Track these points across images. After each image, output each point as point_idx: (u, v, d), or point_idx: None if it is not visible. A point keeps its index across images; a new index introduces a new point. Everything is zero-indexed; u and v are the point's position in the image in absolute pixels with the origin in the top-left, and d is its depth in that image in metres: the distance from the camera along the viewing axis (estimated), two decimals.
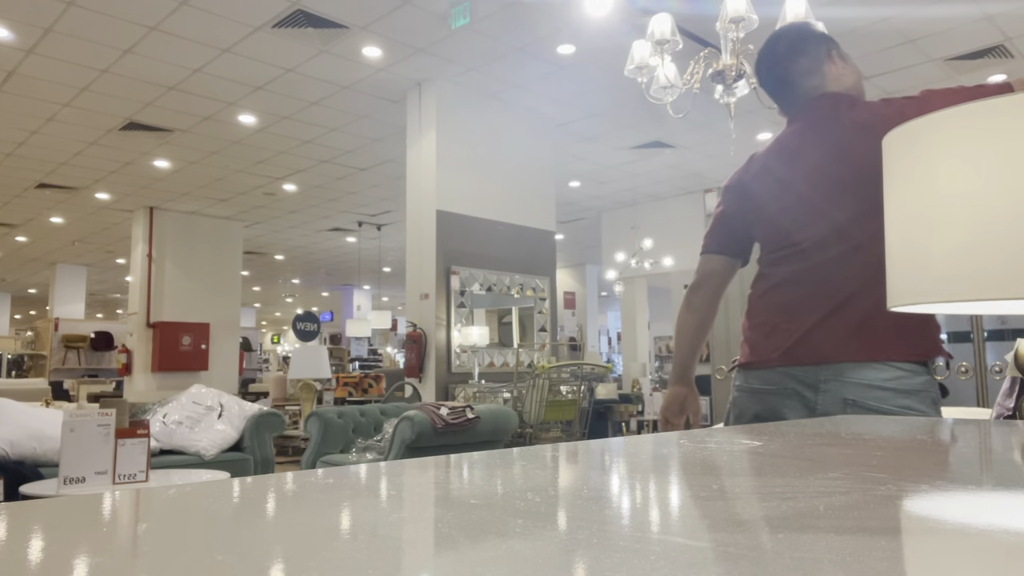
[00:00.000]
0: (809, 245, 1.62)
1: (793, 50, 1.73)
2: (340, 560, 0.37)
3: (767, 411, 1.62)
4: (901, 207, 0.91)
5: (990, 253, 0.79)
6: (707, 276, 1.83)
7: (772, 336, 1.64)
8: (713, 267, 1.84)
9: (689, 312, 1.85)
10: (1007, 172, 0.79)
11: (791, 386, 1.59)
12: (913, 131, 0.90)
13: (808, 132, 1.67)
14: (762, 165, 1.73)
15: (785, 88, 1.74)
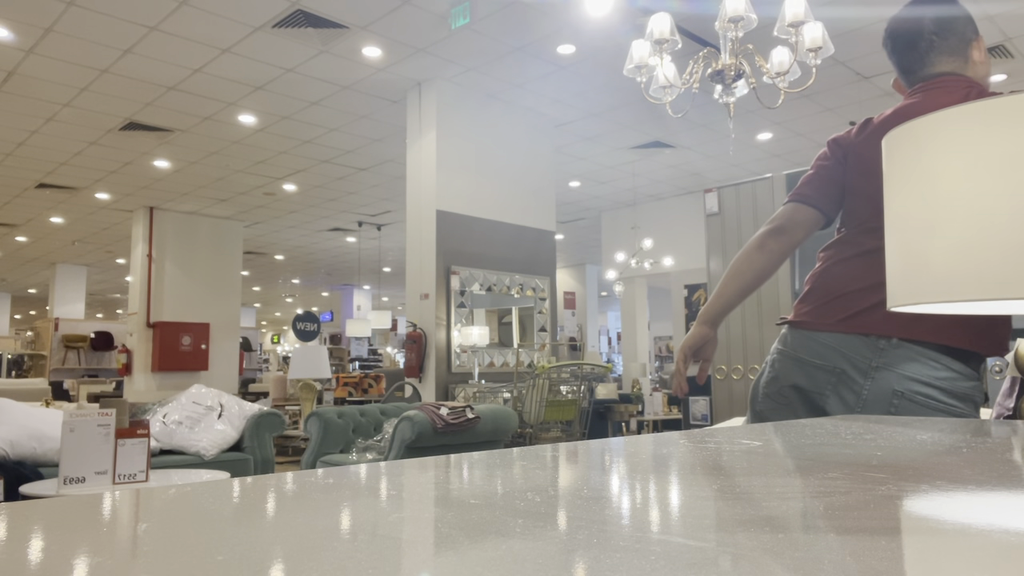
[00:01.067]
0: None
1: (944, 27, 1.63)
2: (340, 560, 0.37)
3: (810, 386, 1.56)
4: (901, 207, 0.91)
5: (990, 253, 0.79)
6: (795, 225, 1.69)
7: (837, 301, 1.57)
8: (804, 218, 1.70)
9: (761, 253, 1.69)
10: (1007, 172, 0.79)
11: (841, 365, 1.52)
12: (913, 131, 0.90)
13: (933, 107, 1.55)
14: (880, 133, 1.59)
15: (921, 62, 1.64)
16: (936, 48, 1.63)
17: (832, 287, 1.61)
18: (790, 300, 4.26)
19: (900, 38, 1.67)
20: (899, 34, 1.67)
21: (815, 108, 7.07)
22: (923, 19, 1.64)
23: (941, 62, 1.62)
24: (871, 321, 1.51)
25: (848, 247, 1.64)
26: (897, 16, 1.69)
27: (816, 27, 3.46)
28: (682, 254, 10.22)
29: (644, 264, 10.10)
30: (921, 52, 1.63)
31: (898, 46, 1.68)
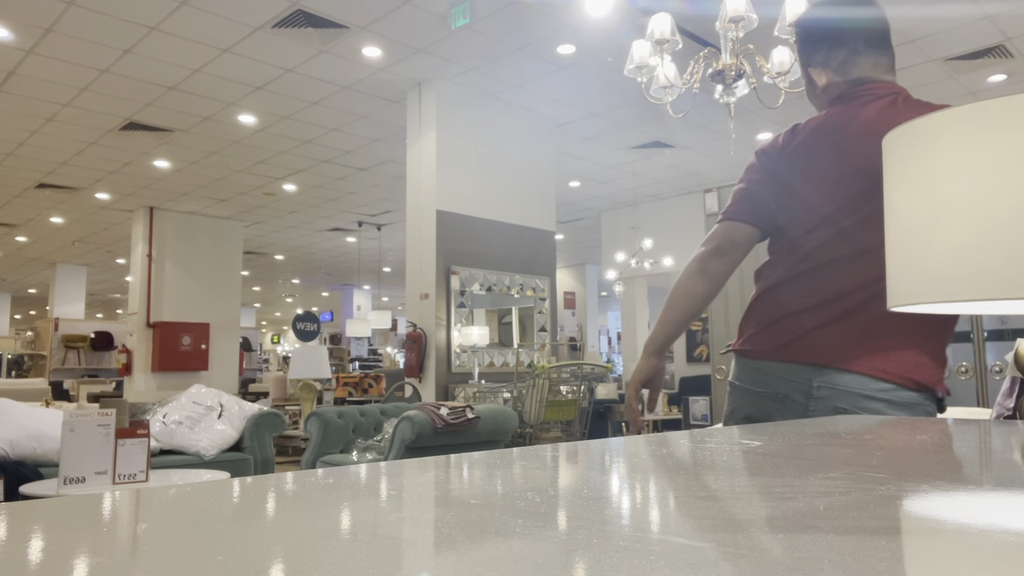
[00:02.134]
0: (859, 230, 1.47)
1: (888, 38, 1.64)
2: (340, 560, 0.37)
3: (760, 415, 1.54)
4: (901, 207, 0.91)
5: (990, 253, 0.79)
6: (734, 245, 1.63)
7: (778, 325, 1.54)
8: (742, 237, 1.64)
9: (703, 278, 1.65)
10: (1007, 172, 0.79)
11: (783, 390, 1.50)
12: (913, 131, 0.90)
13: (883, 115, 1.52)
14: (823, 135, 1.56)
15: (884, 46, 1.62)
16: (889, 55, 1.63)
17: (772, 311, 1.57)
18: None
19: (882, 23, 1.63)
20: (880, 18, 1.63)
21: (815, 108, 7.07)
22: (882, 21, 1.62)
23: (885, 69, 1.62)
24: (811, 346, 1.48)
25: (789, 262, 1.59)
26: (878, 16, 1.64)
27: None
28: (682, 254, 10.22)
29: (644, 264, 10.10)
30: (885, 46, 1.61)
31: (881, 40, 1.63)
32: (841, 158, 1.53)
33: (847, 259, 1.48)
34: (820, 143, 1.60)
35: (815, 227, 1.53)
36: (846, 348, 1.45)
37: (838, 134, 1.56)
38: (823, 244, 1.51)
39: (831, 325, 1.47)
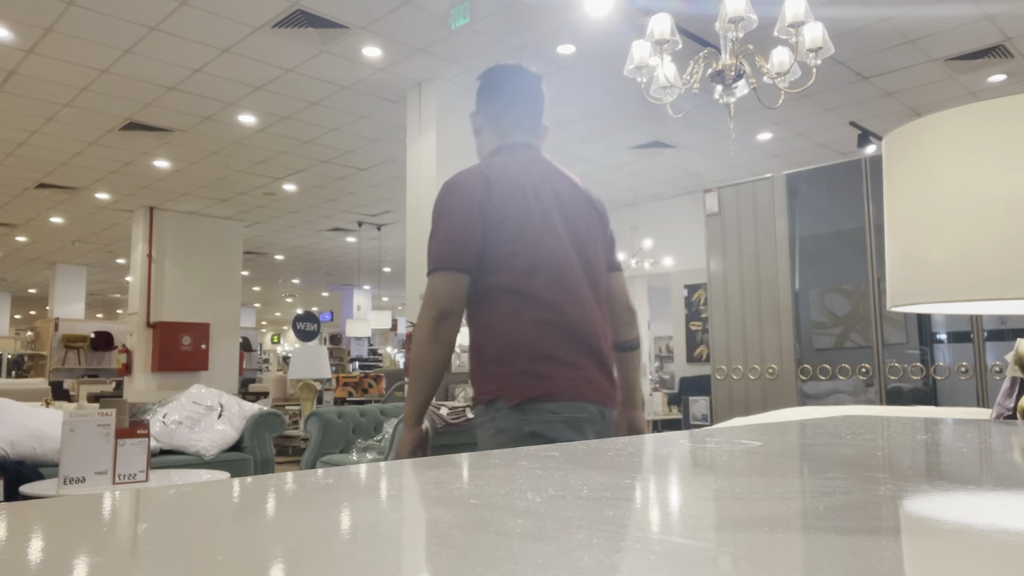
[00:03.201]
0: (576, 282, 1.70)
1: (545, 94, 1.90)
2: (340, 560, 0.37)
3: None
4: (901, 207, 0.91)
5: (990, 253, 0.79)
6: (457, 302, 1.64)
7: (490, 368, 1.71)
8: (462, 289, 1.64)
9: (438, 345, 1.64)
10: (1007, 172, 0.79)
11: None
12: (913, 131, 0.90)
13: (567, 176, 1.82)
14: (531, 184, 1.72)
15: (539, 116, 1.88)
16: (544, 117, 1.91)
17: (490, 356, 1.69)
18: (790, 299, 4.26)
19: (541, 97, 1.89)
20: (541, 93, 1.88)
21: (815, 108, 7.07)
22: (540, 85, 1.90)
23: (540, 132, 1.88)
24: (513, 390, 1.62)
25: (501, 306, 1.67)
26: (537, 74, 1.90)
27: (816, 27, 3.46)
28: (682, 254, 10.23)
29: (644, 264, 10.10)
30: (542, 116, 1.89)
31: (539, 101, 1.88)
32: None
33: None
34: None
35: (525, 266, 1.73)
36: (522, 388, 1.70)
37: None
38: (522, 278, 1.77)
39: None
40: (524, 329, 1.65)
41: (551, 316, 1.66)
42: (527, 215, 1.68)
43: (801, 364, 4.20)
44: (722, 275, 4.55)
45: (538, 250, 1.67)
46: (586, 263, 1.76)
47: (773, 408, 4.20)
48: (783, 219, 4.32)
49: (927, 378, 3.86)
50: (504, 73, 1.88)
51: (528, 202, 1.69)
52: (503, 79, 1.87)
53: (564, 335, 1.66)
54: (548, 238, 1.69)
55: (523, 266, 1.66)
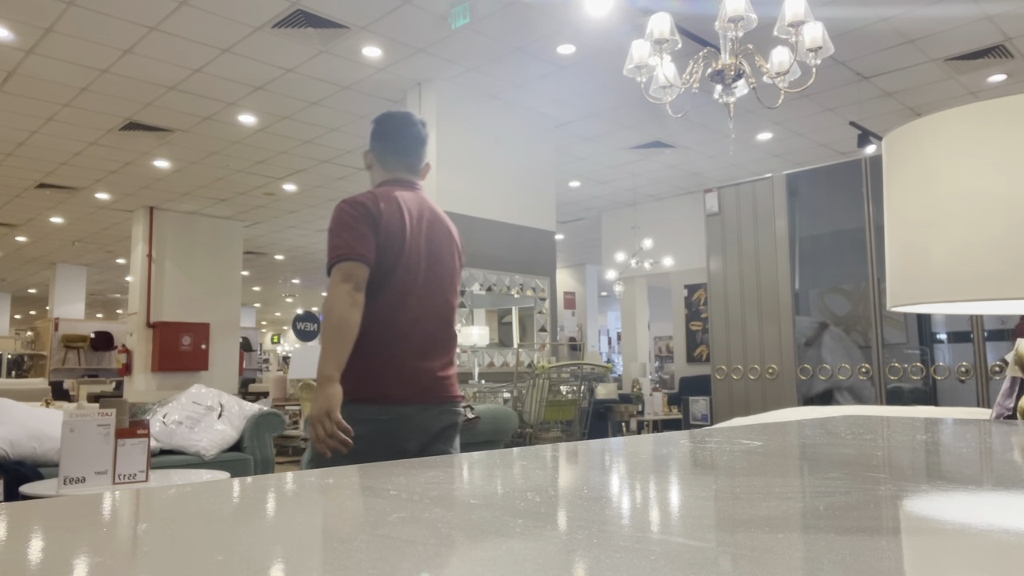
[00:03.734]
0: (431, 294, 2.05)
1: (427, 139, 2.25)
2: (340, 560, 0.37)
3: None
4: (901, 207, 0.91)
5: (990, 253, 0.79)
6: (363, 280, 1.93)
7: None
8: (365, 273, 1.93)
9: (355, 310, 1.90)
10: (1007, 172, 0.79)
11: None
12: (913, 131, 0.90)
13: (437, 212, 2.17)
14: (410, 211, 2.06)
15: (419, 158, 2.23)
16: (424, 159, 2.24)
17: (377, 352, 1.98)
18: (790, 298, 4.26)
19: (422, 141, 2.22)
20: (422, 138, 2.22)
21: (815, 108, 7.08)
22: (426, 129, 2.24)
23: (421, 165, 2.23)
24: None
25: (383, 314, 1.96)
26: (420, 121, 2.24)
27: (816, 27, 3.46)
28: (682, 254, 10.22)
29: (644, 264, 10.10)
30: (422, 158, 2.23)
31: (419, 145, 2.21)
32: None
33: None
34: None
35: (403, 283, 2.03)
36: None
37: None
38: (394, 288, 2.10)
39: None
40: (386, 338, 1.95)
41: (409, 331, 1.98)
42: (403, 241, 1.98)
43: (801, 364, 4.20)
44: (722, 275, 4.55)
45: (410, 273, 1.99)
46: (440, 285, 2.09)
47: (773, 408, 4.20)
48: (783, 219, 4.32)
49: (927, 378, 3.86)
50: (393, 119, 2.23)
51: (406, 230, 2.00)
52: (391, 124, 2.23)
53: (415, 350, 1.98)
54: (417, 264, 2.02)
55: (396, 284, 1.97)
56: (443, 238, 2.12)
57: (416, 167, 2.23)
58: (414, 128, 2.22)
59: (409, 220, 2.02)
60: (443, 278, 2.09)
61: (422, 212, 2.09)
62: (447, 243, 2.13)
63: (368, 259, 1.92)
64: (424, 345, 1.99)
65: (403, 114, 2.25)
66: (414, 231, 2.02)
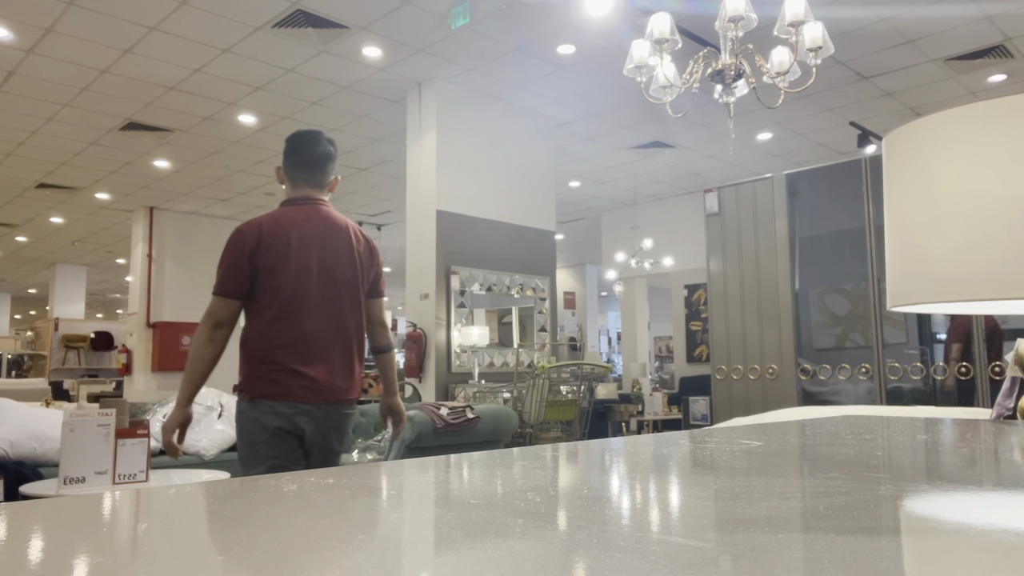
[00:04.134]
0: (323, 304, 2.28)
1: (335, 155, 2.42)
2: (340, 560, 0.37)
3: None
4: (901, 207, 0.91)
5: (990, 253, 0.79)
6: (230, 317, 2.25)
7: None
8: (233, 309, 2.25)
9: (211, 345, 2.26)
10: (1007, 172, 0.79)
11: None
12: (913, 131, 0.90)
13: (335, 222, 2.35)
14: (298, 230, 2.27)
15: (324, 174, 2.38)
16: (330, 169, 2.41)
17: (265, 357, 2.25)
18: (790, 300, 4.26)
19: (328, 157, 2.39)
20: (328, 154, 2.39)
21: (815, 108, 7.08)
22: (329, 145, 2.41)
23: (326, 180, 2.40)
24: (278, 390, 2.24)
25: (261, 323, 2.24)
26: (328, 139, 2.40)
27: (816, 27, 3.46)
28: (682, 254, 10.22)
29: (644, 264, 10.10)
30: (327, 168, 2.39)
31: (325, 162, 2.38)
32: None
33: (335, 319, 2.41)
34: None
35: (288, 295, 2.31)
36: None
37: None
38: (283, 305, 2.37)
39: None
40: (270, 342, 2.22)
41: (296, 335, 2.23)
42: (288, 262, 2.23)
43: (801, 364, 4.20)
44: (722, 275, 4.55)
45: (299, 289, 2.24)
46: (337, 294, 2.31)
47: (773, 408, 4.20)
48: (783, 219, 4.32)
49: (927, 378, 3.86)
50: (300, 137, 2.39)
51: (290, 249, 2.24)
52: (298, 142, 2.38)
53: (303, 351, 2.23)
54: (307, 281, 2.25)
55: (283, 297, 2.22)
56: (339, 250, 2.32)
57: (321, 182, 2.40)
58: (320, 146, 2.39)
59: (298, 240, 2.26)
60: (340, 290, 2.31)
61: (314, 229, 2.30)
62: (344, 254, 2.33)
63: (237, 293, 2.23)
64: (309, 356, 2.24)
65: (311, 132, 2.42)
66: (302, 250, 2.26)
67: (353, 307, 2.35)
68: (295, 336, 2.23)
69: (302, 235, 2.27)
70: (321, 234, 2.30)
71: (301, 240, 2.26)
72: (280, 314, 2.23)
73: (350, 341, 2.36)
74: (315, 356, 2.25)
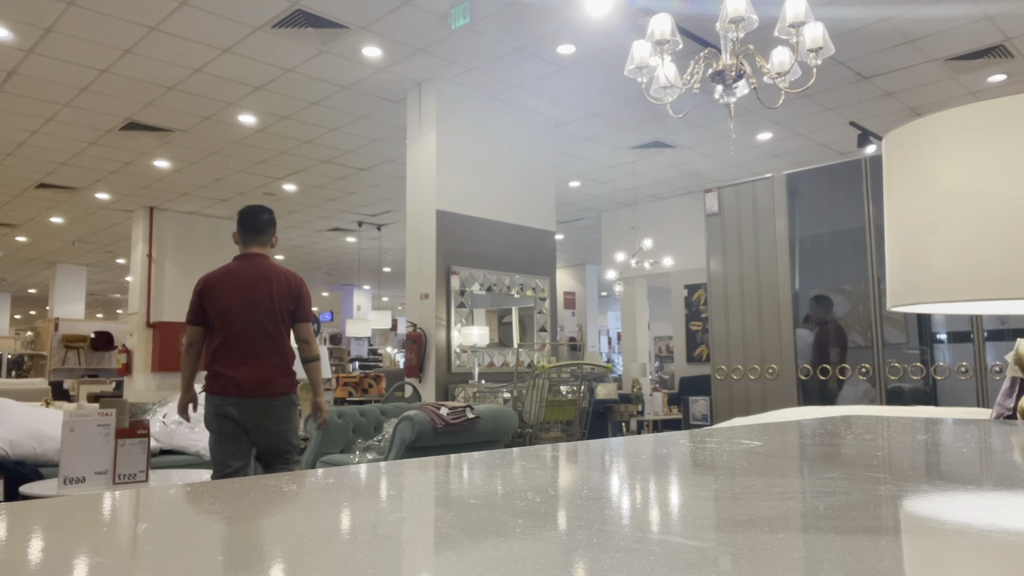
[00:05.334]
0: (246, 329, 3.27)
1: (272, 221, 3.47)
2: (340, 560, 0.38)
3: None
4: (901, 207, 0.91)
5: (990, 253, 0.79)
6: (196, 338, 3.31)
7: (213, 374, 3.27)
8: (198, 333, 3.31)
9: (187, 355, 3.31)
10: (1007, 172, 0.79)
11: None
12: (913, 131, 0.90)
13: (262, 271, 3.35)
14: (231, 279, 3.33)
15: (264, 235, 3.45)
16: (266, 232, 3.45)
17: (211, 366, 3.26)
18: (790, 300, 4.26)
19: (269, 224, 3.46)
20: (268, 222, 3.46)
21: (815, 108, 7.08)
22: (266, 216, 3.45)
23: (264, 240, 3.46)
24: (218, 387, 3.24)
25: (209, 342, 3.29)
26: (268, 210, 3.47)
27: (816, 27, 3.46)
28: (682, 254, 10.22)
29: (644, 264, 10.10)
30: (261, 231, 3.43)
31: (265, 227, 3.44)
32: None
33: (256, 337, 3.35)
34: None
35: (220, 326, 3.30)
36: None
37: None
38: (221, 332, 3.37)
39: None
40: (214, 356, 3.24)
41: (228, 350, 3.23)
42: (226, 300, 3.26)
43: (801, 364, 4.20)
44: (722, 275, 4.55)
45: (229, 317, 3.25)
46: (256, 322, 3.27)
47: (773, 408, 4.20)
48: (783, 219, 4.32)
49: (927, 378, 3.86)
50: (248, 211, 3.44)
51: (230, 293, 3.28)
52: (246, 214, 3.42)
53: (231, 361, 3.21)
54: (236, 312, 3.25)
55: (220, 325, 3.25)
56: (259, 293, 3.29)
57: (263, 242, 3.44)
58: (263, 215, 3.44)
59: (230, 287, 3.29)
60: (259, 320, 3.27)
61: (244, 279, 3.31)
62: (263, 295, 3.30)
63: (194, 321, 3.30)
64: (234, 361, 3.21)
65: (255, 207, 3.47)
66: (233, 294, 3.27)
67: (270, 331, 3.28)
68: (224, 350, 3.22)
69: (234, 284, 3.30)
70: (248, 282, 3.30)
71: (233, 287, 3.29)
72: (217, 336, 3.25)
73: (265, 355, 3.26)
74: (237, 363, 3.21)
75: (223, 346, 3.21)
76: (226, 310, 3.24)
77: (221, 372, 3.18)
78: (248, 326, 3.24)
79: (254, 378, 3.20)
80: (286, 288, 3.35)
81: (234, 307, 3.25)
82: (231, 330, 3.22)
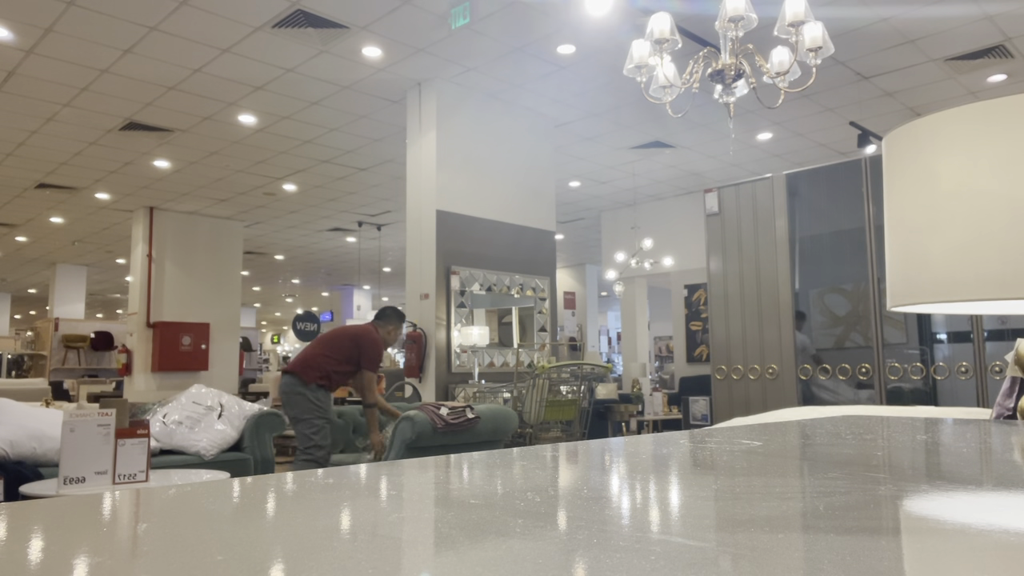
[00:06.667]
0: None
1: (381, 315, 4.85)
2: (340, 560, 0.38)
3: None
4: (901, 207, 0.91)
5: (990, 253, 0.79)
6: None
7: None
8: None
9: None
10: (1007, 172, 0.79)
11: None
12: (913, 131, 0.90)
13: (350, 330, 4.73)
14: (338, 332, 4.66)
15: (376, 319, 4.81)
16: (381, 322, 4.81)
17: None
18: (790, 300, 4.26)
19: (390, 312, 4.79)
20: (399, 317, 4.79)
21: (815, 108, 7.08)
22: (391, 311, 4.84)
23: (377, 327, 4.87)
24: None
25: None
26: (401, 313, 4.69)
27: (816, 27, 3.46)
28: (682, 254, 10.22)
29: (644, 264, 10.10)
30: (378, 319, 4.78)
31: (381, 314, 4.78)
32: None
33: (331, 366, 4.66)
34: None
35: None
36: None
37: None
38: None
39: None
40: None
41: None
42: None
43: (801, 364, 4.20)
44: (722, 275, 4.55)
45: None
46: (330, 357, 4.54)
47: (773, 408, 4.20)
48: (783, 219, 4.32)
49: (927, 378, 3.86)
50: (394, 313, 4.80)
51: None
52: (391, 314, 4.83)
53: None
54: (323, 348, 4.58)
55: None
56: (341, 342, 4.58)
57: (375, 324, 4.73)
58: (387, 310, 4.80)
59: (330, 336, 4.65)
60: (332, 356, 4.51)
61: (343, 332, 4.67)
62: (341, 343, 4.57)
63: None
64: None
65: (398, 311, 4.81)
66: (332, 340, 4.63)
67: (334, 361, 4.52)
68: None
69: (335, 334, 4.64)
70: (340, 334, 4.64)
71: (332, 336, 4.63)
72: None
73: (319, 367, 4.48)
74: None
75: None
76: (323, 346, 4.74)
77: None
78: (325, 357, 4.62)
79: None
80: (352, 344, 4.58)
81: (326, 345, 4.69)
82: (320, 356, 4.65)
